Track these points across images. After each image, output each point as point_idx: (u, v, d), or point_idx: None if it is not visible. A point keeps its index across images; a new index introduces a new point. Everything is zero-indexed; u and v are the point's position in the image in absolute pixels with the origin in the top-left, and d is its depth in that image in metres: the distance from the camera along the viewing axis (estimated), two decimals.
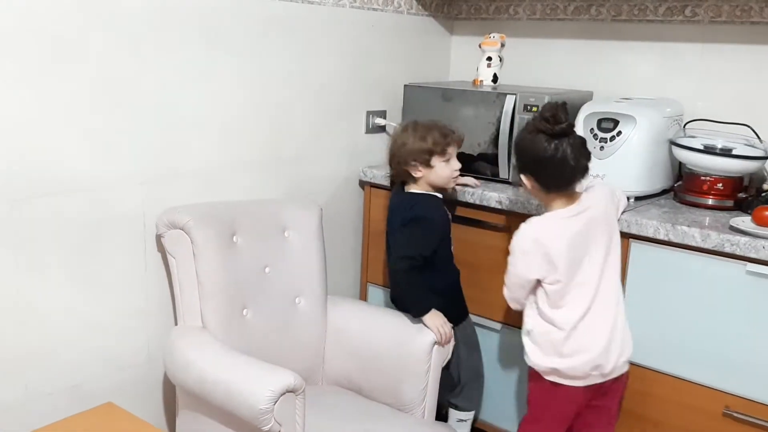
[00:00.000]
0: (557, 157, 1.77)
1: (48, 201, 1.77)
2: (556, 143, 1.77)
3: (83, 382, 1.92)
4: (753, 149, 2.09)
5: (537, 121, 1.79)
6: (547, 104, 1.82)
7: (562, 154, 1.77)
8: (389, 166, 2.21)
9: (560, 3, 2.66)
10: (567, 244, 1.80)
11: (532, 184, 1.85)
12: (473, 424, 2.35)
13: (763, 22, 2.25)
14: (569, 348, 1.83)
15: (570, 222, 1.82)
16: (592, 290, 1.83)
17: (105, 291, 1.93)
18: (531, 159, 1.83)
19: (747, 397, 1.87)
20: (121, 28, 1.83)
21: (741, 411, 1.88)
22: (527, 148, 1.83)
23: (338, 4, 2.41)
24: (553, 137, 1.77)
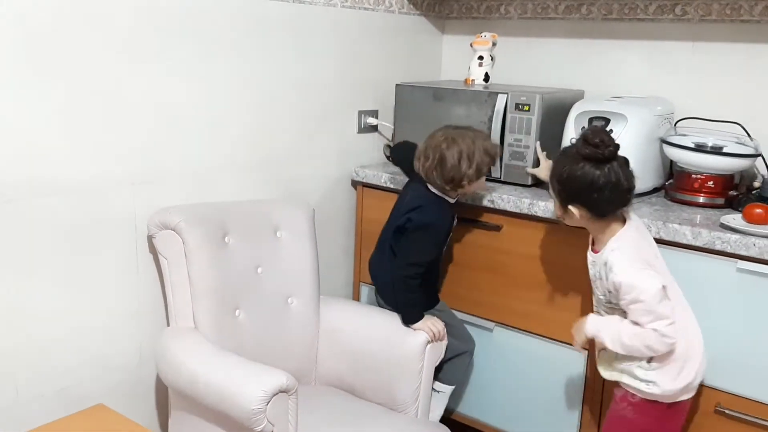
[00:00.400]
0: (612, 181, 1.72)
1: (38, 203, 1.76)
2: (608, 167, 1.72)
3: (74, 384, 1.91)
4: (743, 147, 2.10)
5: (583, 149, 1.72)
6: (591, 130, 1.80)
7: (616, 177, 1.72)
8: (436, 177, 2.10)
9: (551, 2, 2.66)
10: (654, 253, 1.80)
11: (582, 213, 1.76)
12: (469, 423, 2.35)
13: (753, 20, 2.26)
14: (690, 351, 1.76)
15: (641, 235, 1.82)
16: (674, 289, 1.79)
17: (96, 292, 1.92)
18: (584, 188, 1.74)
19: (738, 394, 1.88)
20: (111, 28, 1.83)
21: (733, 408, 1.89)
22: (578, 178, 1.74)
23: (329, 3, 2.41)
24: (603, 162, 1.72)
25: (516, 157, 2.30)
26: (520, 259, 2.22)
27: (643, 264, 1.73)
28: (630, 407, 1.80)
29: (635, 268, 1.71)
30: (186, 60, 2.02)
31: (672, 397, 1.76)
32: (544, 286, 2.18)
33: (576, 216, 1.78)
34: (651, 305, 1.68)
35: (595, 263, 1.81)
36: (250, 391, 1.65)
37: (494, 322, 2.31)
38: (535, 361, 2.24)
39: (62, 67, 1.76)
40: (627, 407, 1.81)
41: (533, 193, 2.24)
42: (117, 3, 1.83)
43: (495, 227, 2.24)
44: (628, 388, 1.80)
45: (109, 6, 1.82)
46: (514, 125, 2.29)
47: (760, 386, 1.85)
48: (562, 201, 1.80)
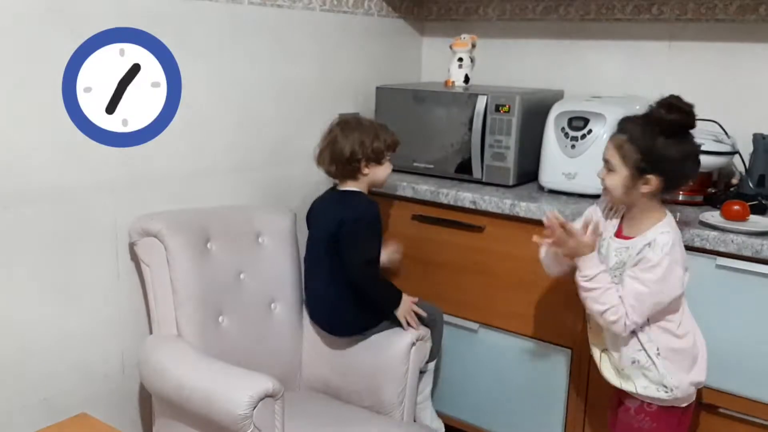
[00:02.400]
0: (697, 152, 1.68)
1: (18, 211, 1.74)
2: (693, 137, 1.67)
3: (57, 394, 1.89)
4: (721, 145, 2.12)
5: (671, 116, 1.63)
6: (669, 98, 1.69)
7: (698, 148, 1.69)
8: (331, 164, 2.12)
9: (529, 3, 2.68)
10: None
11: (656, 185, 1.65)
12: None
13: (728, 19, 2.29)
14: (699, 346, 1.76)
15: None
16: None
17: (77, 301, 1.90)
18: (677, 158, 1.64)
19: (720, 388, 1.90)
20: (88, 33, 1.81)
21: (715, 403, 1.90)
22: (672, 147, 1.62)
23: (308, 7, 2.41)
24: (688, 130, 1.66)
25: (497, 158, 2.31)
26: (503, 259, 2.23)
27: (683, 264, 1.69)
28: (648, 418, 1.75)
29: (677, 263, 1.66)
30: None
31: (687, 398, 1.74)
32: (527, 286, 2.19)
33: (647, 188, 1.65)
34: (648, 298, 1.66)
35: (628, 249, 1.70)
36: (236, 396, 1.64)
37: (478, 323, 2.32)
38: (519, 361, 2.25)
39: (40, 72, 1.74)
40: (645, 419, 1.75)
41: (515, 193, 2.25)
42: (95, 8, 1.82)
43: (477, 228, 2.24)
44: (644, 398, 1.74)
45: (87, 11, 1.80)
46: (494, 126, 2.30)
47: (741, 381, 1.87)
48: (638, 170, 1.64)
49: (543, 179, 2.27)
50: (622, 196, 1.70)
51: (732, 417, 1.89)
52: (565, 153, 2.19)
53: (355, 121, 2.14)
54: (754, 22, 2.25)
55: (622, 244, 1.73)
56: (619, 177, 1.68)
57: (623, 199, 1.72)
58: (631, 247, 1.70)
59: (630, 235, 1.73)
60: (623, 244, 1.73)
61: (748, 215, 1.90)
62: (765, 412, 1.85)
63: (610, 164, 1.69)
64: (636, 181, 1.66)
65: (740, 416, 1.88)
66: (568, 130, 2.18)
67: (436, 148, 2.45)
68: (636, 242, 1.69)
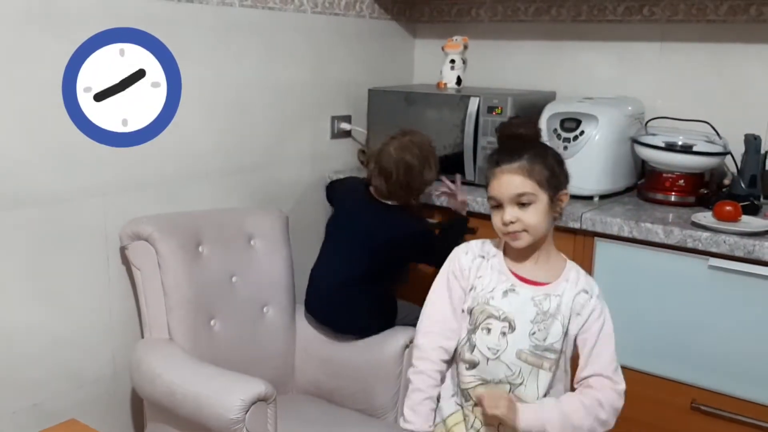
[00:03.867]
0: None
1: (6, 214, 1.73)
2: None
3: (47, 399, 1.88)
4: (713, 145, 2.13)
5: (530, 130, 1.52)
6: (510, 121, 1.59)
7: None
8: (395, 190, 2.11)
9: (521, 5, 2.68)
10: None
11: (568, 198, 1.50)
12: None
13: (719, 20, 2.30)
14: None
15: None
16: None
17: (67, 305, 1.89)
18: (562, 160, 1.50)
19: (713, 389, 1.90)
20: (78, 36, 1.80)
21: (708, 404, 1.91)
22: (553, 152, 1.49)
23: (299, 9, 2.40)
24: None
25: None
26: None
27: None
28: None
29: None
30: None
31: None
32: None
33: (561, 206, 1.48)
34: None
35: (548, 297, 1.45)
36: (228, 400, 1.63)
37: None
38: None
39: (30, 75, 1.73)
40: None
41: None
42: (83, 11, 1.81)
43: (470, 230, 2.24)
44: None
45: (77, 14, 1.79)
46: (486, 128, 2.30)
47: (734, 382, 1.87)
48: (553, 188, 1.44)
49: None
50: (543, 230, 1.45)
51: (725, 417, 1.89)
52: None
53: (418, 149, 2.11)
54: (745, 22, 2.25)
55: (538, 292, 1.46)
56: (541, 206, 1.42)
57: (541, 234, 1.45)
58: (552, 295, 1.45)
59: (541, 281, 1.48)
60: (540, 292, 1.46)
61: (740, 216, 1.90)
62: (757, 412, 1.86)
63: (525, 197, 1.41)
64: (554, 203, 1.45)
65: (733, 417, 1.88)
66: (561, 132, 2.18)
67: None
68: (557, 288, 1.46)
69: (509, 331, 1.45)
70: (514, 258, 1.51)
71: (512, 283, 1.48)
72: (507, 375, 1.45)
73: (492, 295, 1.47)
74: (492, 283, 1.49)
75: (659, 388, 1.97)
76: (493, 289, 1.48)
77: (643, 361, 1.98)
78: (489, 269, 1.51)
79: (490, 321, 1.46)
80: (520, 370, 1.44)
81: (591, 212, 2.03)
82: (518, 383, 1.45)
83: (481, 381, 1.47)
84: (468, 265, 1.53)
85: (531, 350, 1.44)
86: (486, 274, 1.50)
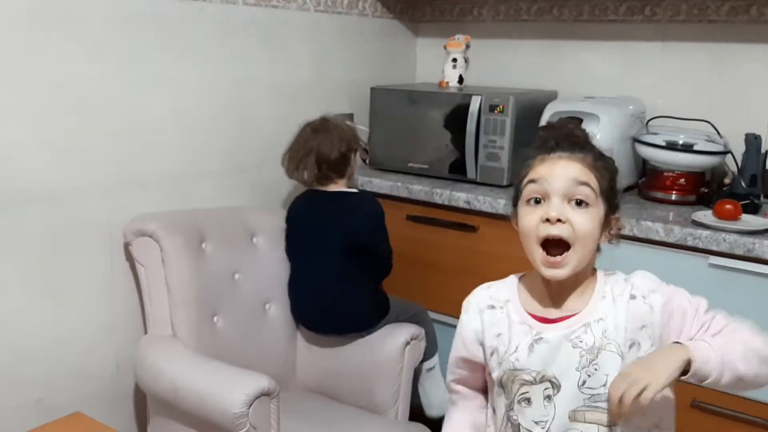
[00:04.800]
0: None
1: (10, 211, 1.74)
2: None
3: (51, 394, 1.89)
4: (713, 144, 2.14)
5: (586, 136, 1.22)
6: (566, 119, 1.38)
7: None
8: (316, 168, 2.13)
9: (523, 4, 2.69)
10: None
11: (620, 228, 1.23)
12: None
13: (720, 20, 2.30)
14: None
15: None
16: None
17: (72, 301, 1.90)
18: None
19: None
20: (82, 34, 1.82)
21: (708, 401, 1.91)
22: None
23: (302, 7, 2.41)
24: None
25: (491, 158, 2.32)
26: (497, 259, 2.23)
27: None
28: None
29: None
30: (158, 66, 2.01)
31: None
32: None
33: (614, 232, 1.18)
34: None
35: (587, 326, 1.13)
36: (232, 395, 1.64)
37: None
38: None
39: (34, 73, 1.74)
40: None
41: (509, 194, 2.24)
42: (88, 9, 1.82)
43: (471, 228, 2.25)
44: None
45: (81, 12, 1.81)
46: (488, 127, 2.31)
47: None
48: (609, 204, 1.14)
49: None
50: (591, 252, 1.12)
51: (725, 415, 1.90)
52: None
53: (322, 123, 2.18)
54: (746, 23, 2.26)
55: (573, 326, 1.14)
56: (597, 215, 1.10)
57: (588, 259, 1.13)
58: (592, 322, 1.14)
59: (570, 313, 1.16)
60: (575, 325, 1.14)
61: (740, 214, 1.91)
62: (757, 410, 1.86)
63: (584, 190, 1.08)
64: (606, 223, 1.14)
65: (733, 414, 1.88)
66: None
67: (430, 149, 2.46)
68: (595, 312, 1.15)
69: (554, 392, 1.13)
70: (537, 294, 1.18)
71: (536, 330, 1.15)
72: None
73: (517, 356, 1.15)
74: (514, 339, 1.16)
75: None
76: (517, 347, 1.16)
77: None
78: (505, 322, 1.18)
79: (527, 389, 1.14)
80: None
81: None
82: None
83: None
84: (474, 327, 1.21)
85: (588, 404, 1.11)
86: (504, 329, 1.18)
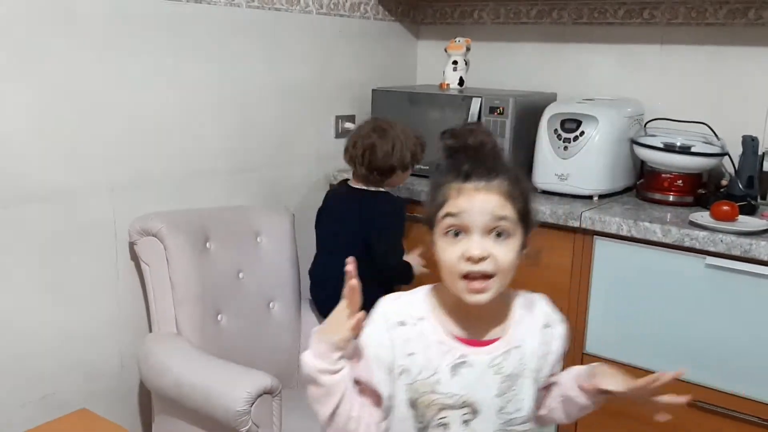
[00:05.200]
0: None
1: (16, 210, 1.76)
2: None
3: (57, 392, 1.91)
4: (711, 146, 2.16)
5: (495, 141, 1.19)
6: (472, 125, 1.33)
7: None
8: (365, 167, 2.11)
9: (523, 7, 2.71)
10: None
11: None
12: None
13: (718, 23, 2.33)
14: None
15: None
16: None
17: (76, 299, 1.93)
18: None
19: (712, 387, 1.93)
20: (86, 33, 1.84)
21: (706, 401, 1.93)
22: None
23: (305, 10, 2.44)
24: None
25: None
26: None
27: None
28: None
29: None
30: (163, 66, 2.03)
31: None
32: (519, 285, 2.19)
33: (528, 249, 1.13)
34: None
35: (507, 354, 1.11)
36: (234, 392, 1.66)
37: None
38: None
39: (38, 72, 1.76)
40: None
41: None
42: (93, 9, 1.84)
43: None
44: None
45: (85, 12, 1.83)
46: (488, 128, 2.33)
47: (732, 379, 1.90)
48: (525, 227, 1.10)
49: (536, 180, 2.29)
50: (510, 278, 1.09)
51: (721, 414, 1.92)
52: (558, 155, 2.22)
53: (390, 128, 2.13)
54: (744, 25, 2.29)
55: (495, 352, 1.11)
56: (516, 244, 1.08)
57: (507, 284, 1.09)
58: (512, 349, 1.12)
59: (493, 336, 1.12)
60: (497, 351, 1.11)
61: (737, 215, 1.93)
62: (754, 409, 1.89)
63: (504, 224, 1.05)
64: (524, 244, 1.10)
65: (730, 413, 1.91)
66: (561, 132, 2.22)
67: (431, 150, 2.48)
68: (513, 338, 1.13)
69: (472, 418, 1.10)
70: (453, 313, 1.12)
71: (461, 353, 1.09)
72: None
73: (437, 378, 1.08)
74: (432, 360, 1.09)
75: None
76: (437, 368, 1.08)
77: (641, 359, 2.01)
78: (420, 340, 1.09)
79: (446, 413, 1.09)
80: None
81: (590, 211, 2.06)
82: None
83: None
84: (383, 343, 1.10)
85: (503, 429, 1.11)
86: (418, 349, 1.09)
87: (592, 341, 2.10)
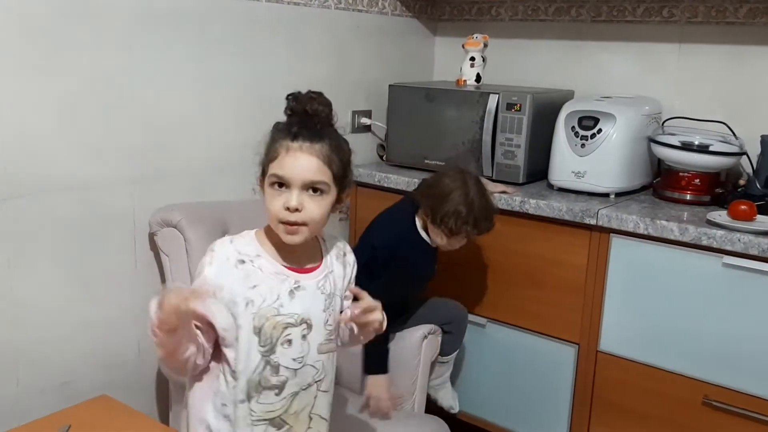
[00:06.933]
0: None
1: (39, 200, 1.79)
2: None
3: (75, 379, 1.94)
4: (728, 146, 2.16)
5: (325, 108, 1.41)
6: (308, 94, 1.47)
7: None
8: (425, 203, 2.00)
9: (541, 4, 2.71)
10: None
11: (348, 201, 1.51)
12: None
13: (738, 22, 2.32)
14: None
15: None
16: None
17: (97, 288, 1.95)
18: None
19: (725, 385, 1.93)
20: (111, 28, 1.86)
21: (720, 400, 1.94)
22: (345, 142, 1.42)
23: (324, 5, 2.45)
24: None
25: (507, 156, 2.35)
26: (512, 256, 2.26)
27: None
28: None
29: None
30: (184, 60, 2.05)
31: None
32: (535, 283, 2.23)
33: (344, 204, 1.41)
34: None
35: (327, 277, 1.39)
36: None
37: (487, 318, 2.36)
38: (526, 356, 2.29)
39: (66, 67, 1.78)
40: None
41: (525, 191, 2.29)
42: (118, 4, 1.86)
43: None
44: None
45: (112, 7, 1.85)
46: (505, 125, 2.34)
47: (746, 378, 1.90)
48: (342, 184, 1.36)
49: (552, 177, 2.30)
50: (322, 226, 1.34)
51: (736, 413, 1.92)
52: (575, 152, 2.22)
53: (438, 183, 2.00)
54: (764, 25, 2.28)
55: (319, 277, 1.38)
56: (329, 200, 1.32)
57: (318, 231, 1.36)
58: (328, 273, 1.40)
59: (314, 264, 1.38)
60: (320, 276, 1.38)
61: (755, 215, 1.92)
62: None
63: (320, 185, 1.29)
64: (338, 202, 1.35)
65: (744, 412, 1.91)
66: (578, 130, 2.22)
67: (447, 146, 2.49)
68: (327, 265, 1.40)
69: (308, 332, 1.34)
70: (281, 250, 1.34)
71: (295, 279, 1.33)
72: (314, 375, 1.37)
73: (280, 302, 1.31)
74: (273, 288, 1.31)
75: (671, 383, 2.00)
76: (278, 294, 1.31)
77: (656, 357, 2.02)
78: (260, 274, 1.31)
79: (289, 331, 1.32)
80: (322, 364, 1.37)
81: (607, 209, 2.06)
82: (323, 377, 1.39)
83: (292, 395, 1.35)
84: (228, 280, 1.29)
85: (326, 339, 1.36)
86: (260, 281, 1.30)
87: (607, 339, 2.10)
